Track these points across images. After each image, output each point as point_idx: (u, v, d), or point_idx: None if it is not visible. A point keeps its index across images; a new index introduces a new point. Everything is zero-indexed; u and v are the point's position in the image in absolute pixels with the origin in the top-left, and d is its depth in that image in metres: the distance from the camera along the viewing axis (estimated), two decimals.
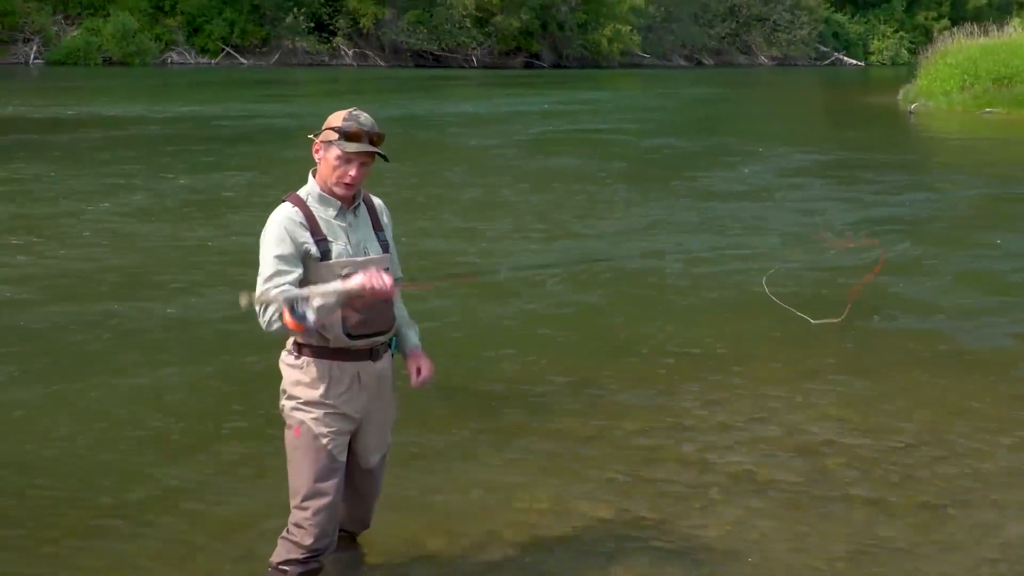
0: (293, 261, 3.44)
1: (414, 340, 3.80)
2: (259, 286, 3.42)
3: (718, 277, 9.10)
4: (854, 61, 68.21)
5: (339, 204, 3.55)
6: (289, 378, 3.60)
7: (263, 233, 3.50)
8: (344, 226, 3.54)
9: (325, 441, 3.55)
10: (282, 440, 3.67)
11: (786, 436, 5.51)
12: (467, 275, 7.22)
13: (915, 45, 55.95)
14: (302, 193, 3.56)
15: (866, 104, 33.02)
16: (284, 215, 3.49)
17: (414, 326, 3.83)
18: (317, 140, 3.55)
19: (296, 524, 3.59)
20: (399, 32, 49.43)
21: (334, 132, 3.49)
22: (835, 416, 5.80)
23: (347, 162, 3.48)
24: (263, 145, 18.49)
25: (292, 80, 37.34)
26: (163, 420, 5.57)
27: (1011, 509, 4.71)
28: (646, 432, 5.52)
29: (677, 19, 60.04)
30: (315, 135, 3.57)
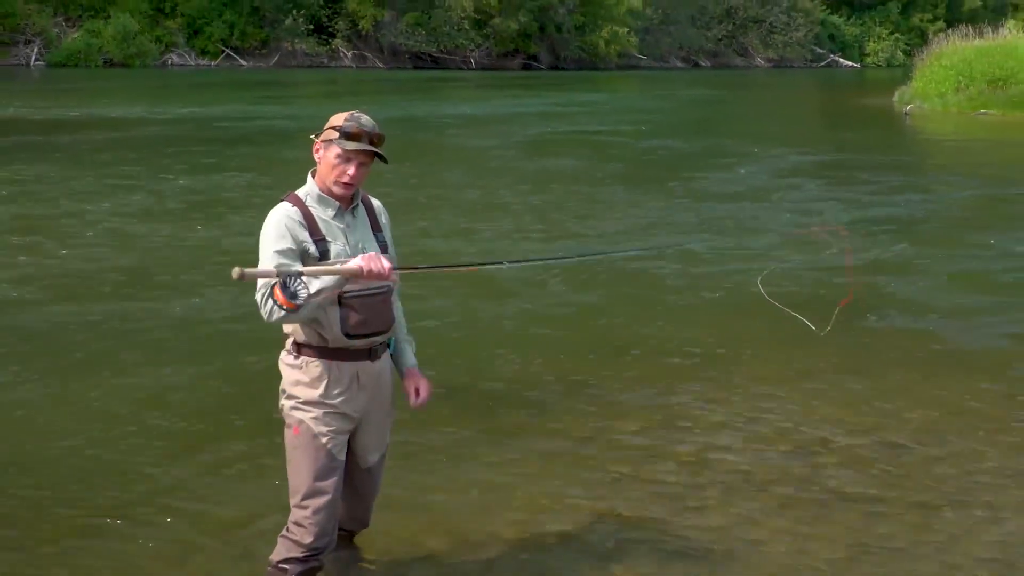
0: (293, 255, 3.43)
1: (411, 358, 3.79)
2: (259, 280, 3.39)
3: (715, 277, 9.13)
4: (850, 63, 68.21)
5: (337, 204, 3.55)
6: (288, 378, 3.60)
7: (262, 230, 3.50)
8: (342, 227, 3.54)
9: (324, 440, 3.56)
10: (282, 439, 3.68)
11: (783, 436, 5.53)
12: (468, 264, 7.24)
13: (910, 47, 55.98)
14: (301, 193, 3.56)
15: (862, 106, 33.00)
16: (283, 213, 3.50)
17: (412, 342, 3.83)
18: (318, 140, 3.55)
19: (296, 523, 3.60)
20: (398, 34, 49.41)
21: (335, 131, 3.50)
22: (831, 416, 5.82)
23: (346, 161, 3.49)
24: (263, 146, 18.48)
25: (291, 82, 37.31)
26: (163, 419, 5.58)
27: (1007, 509, 4.73)
28: (644, 431, 5.55)
29: (674, 21, 60.05)
30: (316, 135, 3.57)
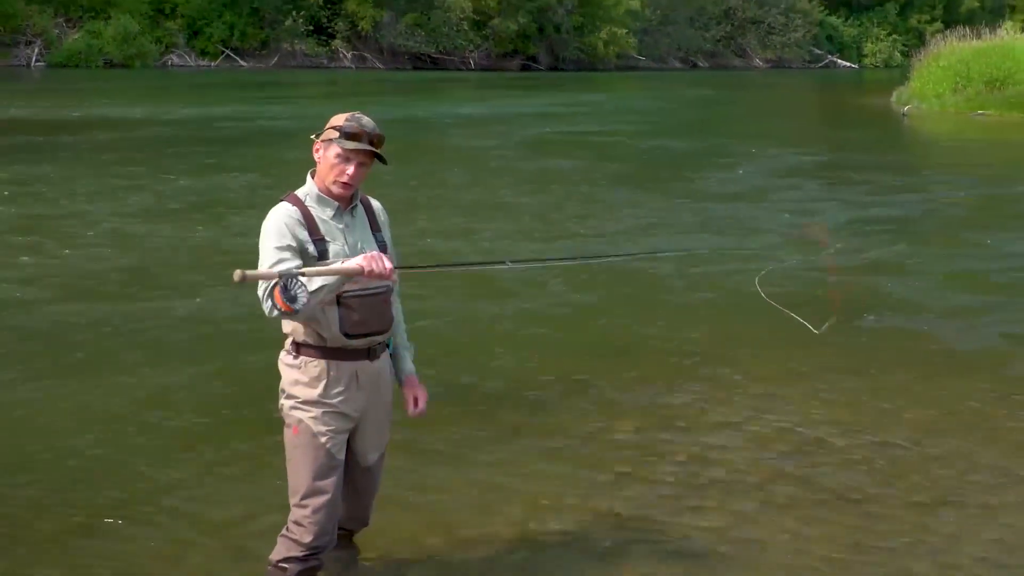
0: (293, 252, 3.44)
1: (410, 366, 3.81)
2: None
3: (715, 277, 9.16)
4: (848, 64, 68.17)
5: (336, 205, 3.55)
6: (288, 378, 3.61)
7: (262, 230, 3.51)
8: (341, 227, 3.55)
9: (324, 440, 3.56)
10: (282, 439, 3.69)
11: (781, 435, 5.55)
12: (468, 263, 7.26)
13: (908, 48, 55.92)
14: (300, 193, 3.57)
15: (860, 106, 33.04)
16: (283, 212, 3.51)
17: (411, 349, 3.83)
18: (318, 141, 3.56)
19: (296, 522, 3.61)
20: (397, 35, 49.39)
21: (335, 131, 3.51)
22: (829, 415, 5.84)
23: (346, 160, 3.50)
24: (263, 147, 18.49)
25: (291, 82, 37.26)
26: (163, 419, 5.60)
27: (1004, 508, 4.75)
28: (644, 431, 5.57)
29: (673, 22, 60.00)
30: (316, 136, 3.58)
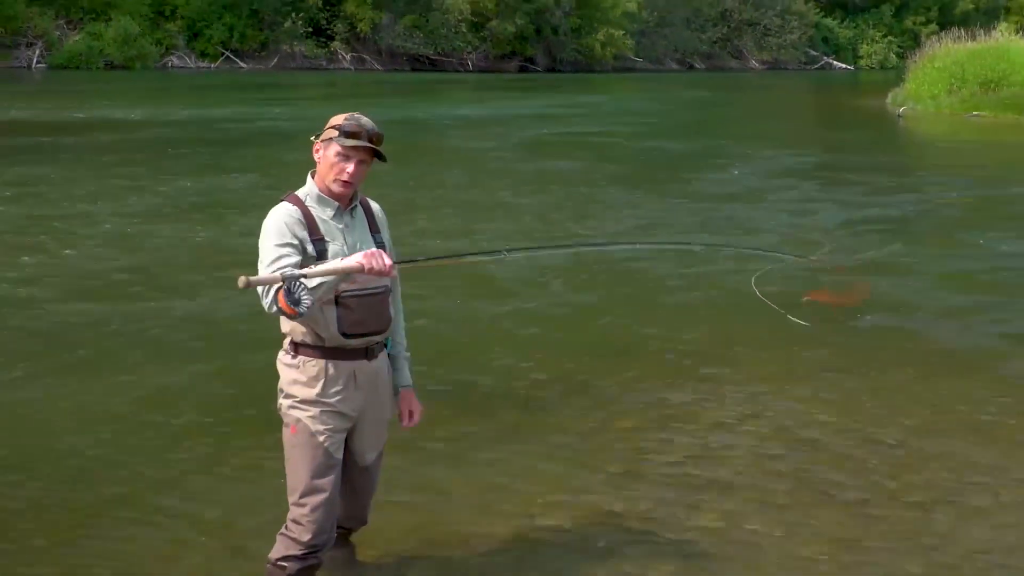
0: (293, 250, 3.45)
1: (407, 377, 3.82)
2: (260, 272, 3.42)
3: (712, 277, 9.20)
4: (843, 65, 68.23)
5: (336, 205, 3.57)
6: (286, 377, 3.63)
7: (263, 229, 3.52)
8: (341, 227, 3.56)
9: (322, 439, 3.58)
10: (281, 438, 3.70)
11: (778, 435, 5.58)
12: (467, 255, 7.30)
13: (903, 49, 55.89)
14: (300, 194, 3.59)
15: (855, 107, 33.09)
16: (283, 211, 3.53)
17: (409, 359, 3.85)
18: (318, 141, 3.58)
19: (294, 521, 3.62)
20: (396, 36, 49.44)
21: (335, 130, 3.53)
22: (824, 415, 5.87)
23: (346, 158, 3.52)
24: (264, 147, 18.52)
25: (291, 84, 37.27)
26: (163, 418, 5.62)
27: (1000, 508, 4.77)
28: (642, 430, 5.60)
29: (670, 24, 60.04)
30: (316, 136, 3.60)
